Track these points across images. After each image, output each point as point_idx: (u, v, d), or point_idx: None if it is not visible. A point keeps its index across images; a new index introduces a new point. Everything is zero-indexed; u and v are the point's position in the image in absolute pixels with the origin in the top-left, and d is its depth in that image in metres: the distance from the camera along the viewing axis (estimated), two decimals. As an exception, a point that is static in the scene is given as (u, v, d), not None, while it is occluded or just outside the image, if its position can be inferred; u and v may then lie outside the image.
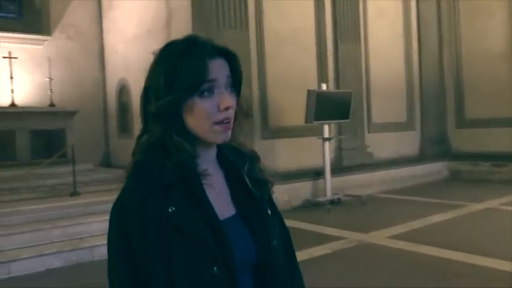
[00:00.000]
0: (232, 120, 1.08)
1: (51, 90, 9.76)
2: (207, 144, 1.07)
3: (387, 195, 8.78)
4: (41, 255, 4.93)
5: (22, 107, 9.26)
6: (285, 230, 1.26)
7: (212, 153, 1.12)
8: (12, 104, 9.28)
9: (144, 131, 1.07)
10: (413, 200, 8.17)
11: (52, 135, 8.94)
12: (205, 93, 1.02)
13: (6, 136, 8.49)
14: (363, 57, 9.77)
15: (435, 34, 11.21)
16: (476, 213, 6.89)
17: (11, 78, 9.31)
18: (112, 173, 8.30)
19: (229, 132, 1.08)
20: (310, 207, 7.91)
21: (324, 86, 8.21)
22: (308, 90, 7.67)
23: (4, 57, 9.34)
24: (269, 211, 1.16)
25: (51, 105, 9.70)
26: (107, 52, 11.69)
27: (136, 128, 10.47)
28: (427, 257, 4.76)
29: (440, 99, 11.16)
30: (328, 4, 9.19)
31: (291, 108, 8.22)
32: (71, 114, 9.38)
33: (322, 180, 8.14)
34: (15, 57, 9.49)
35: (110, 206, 1.04)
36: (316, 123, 7.82)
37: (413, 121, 10.90)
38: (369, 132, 9.88)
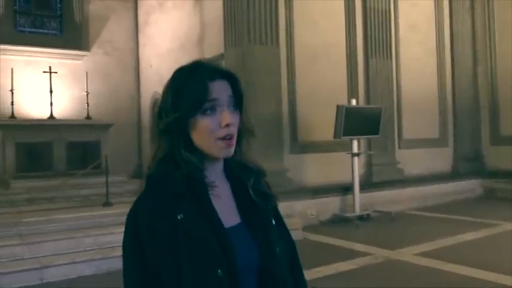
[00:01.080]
0: (234, 137, 1.16)
1: (87, 103, 10.13)
2: (213, 158, 1.16)
3: (418, 212, 8.64)
4: (73, 263, 5.10)
5: (60, 120, 9.63)
6: (290, 241, 1.34)
7: (219, 166, 1.20)
8: (51, 117, 9.66)
9: (157, 148, 1.16)
10: (444, 217, 8.02)
11: (88, 146, 9.26)
12: (208, 112, 1.12)
13: (45, 147, 8.85)
14: (394, 72, 9.72)
15: (469, 49, 11.05)
16: (510, 233, 6.71)
17: (51, 92, 9.71)
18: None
19: (232, 148, 1.16)
20: (338, 222, 7.87)
21: (353, 102, 8.22)
22: (337, 106, 7.69)
23: (44, 72, 9.76)
24: (273, 221, 1.22)
25: (88, 118, 10.05)
26: (142, 66, 12.05)
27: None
28: (454, 276, 4.68)
29: (474, 115, 10.95)
30: (359, 19, 9.22)
31: (321, 123, 8.23)
32: (106, 126, 9.69)
33: (351, 196, 8.10)
34: (55, 72, 9.90)
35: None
36: (345, 138, 7.82)
37: (446, 137, 10.72)
38: (399, 148, 9.78)
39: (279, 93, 8.06)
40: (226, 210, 1.15)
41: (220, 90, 1.15)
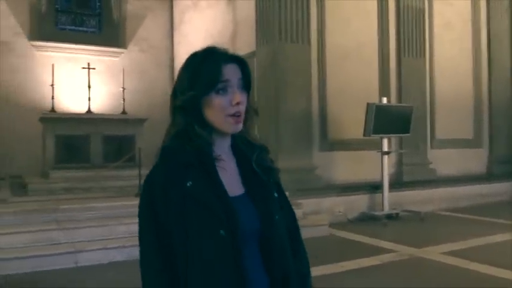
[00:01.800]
0: (242, 114, 1.28)
1: (123, 99, 10.44)
2: (222, 133, 1.29)
3: (448, 213, 8.53)
4: (105, 249, 5.34)
5: (97, 114, 9.98)
6: (291, 212, 1.45)
7: (226, 142, 1.32)
8: (89, 111, 10.02)
9: (171, 124, 1.29)
10: (475, 219, 7.89)
11: (123, 140, 9.55)
12: (220, 91, 1.25)
13: (82, 140, 9.19)
14: (427, 71, 9.62)
15: (507, 49, 10.81)
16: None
17: (89, 87, 10.07)
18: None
19: (240, 125, 1.28)
20: (366, 220, 7.87)
21: (384, 100, 8.19)
22: (367, 104, 7.69)
23: (83, 68, 10.14)
24: (275, 194, 1.34)
25: (123, 112, 10.38)
26: (176, 64, 12.31)
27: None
28: (479, 275, 4.65)
29: (511, 117, 10.70)
30: (392, 17, 9.18)
31: (351, 121, 8.24)
32: (141, 121, 9.96)
33: (379, 194, 8.08)
34: (93, 68, 10.25)
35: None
36: (374, 136, 7.81)
37: (481, 138, 10.52)
38: (431, 147, 9.67)
39: (309, 91, 8.13)
40: (231, 181, 1.28)
41: (231, 72, 1.28)
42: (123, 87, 10.45)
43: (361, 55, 8.70)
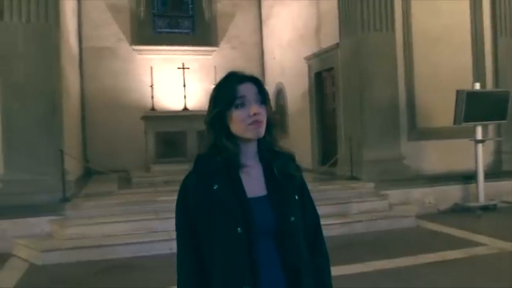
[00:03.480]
0: (262, 122, 1.45)
1: (216, 95, 10.97)
2: (246, 142, 1.47)
3: (554, 205, 7.89)
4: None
5: (192, 111, 10.61)
6: (314, 212, 1.60)
7: (252, 150, 1.50)
8: (185, 108, 10.70)
9: (206, 138, 1.52)
10: None
11: (215, 135, 10.06)
12: (239, 106, 1.44)
13: (179, 136, 9.88)
14: (528, 51, 8.89)
15: None
16: None
17: (184, 86, 10.74)
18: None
19: (261, 130, 1.45)
20: (458, 211, 7.57)
21: (477, 85, 7.75)
22: (457, 91, 7.36)
23: (178, 68, 10.83)
24: (296, 197, 1.50)
25: (216, 108, 10.90)
26: (266, 58, 12.64)
27: (291, 129, 11.13)
28: None
29: None
30: (487, -3, 8.62)
31: (442, 109, 7.91)
32: (232, 116, 10.43)
33: (474, 185, 7.71)
34: (187, 68, 10.91)
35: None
36: (466, 124, 7.46)
37: None
38: (535, 134, 8.95)
39: (395, 80, 7.96)
40: (254, 184, 1.46)
41: (247, 89, 1.47)
42: (214, 84, 10.96)
43: (452, 38, 8.29)
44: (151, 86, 10.49)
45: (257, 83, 1.50)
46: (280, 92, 11.74)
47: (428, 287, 4.23)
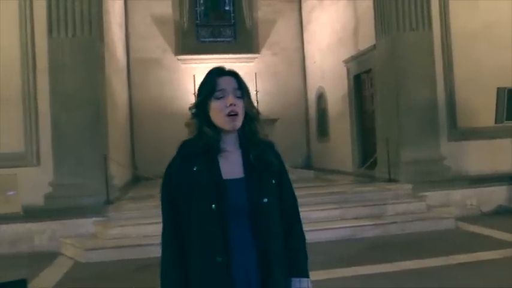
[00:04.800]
0: (239, 115, 1.60)
1: (257, 101, 11.17)
2: (226, 131, 1.63)
3: None
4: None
5: (234, 117, 10.84)
6: (291, 197, 1.74)
7: (231, 138, 1.66)
8: (228, 115, 10.92)
9: (191, 126, 1.69)
10: None
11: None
12: (218, 97, 1.61)
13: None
14: None
15: None
16: None
17: (226, 92, 10.98)
18: (299, 174, 9.11)
19: (237, 123, 1.61)
20: (503, 213, 7.32)
21: (520, 82, 7.49)
22: (497, 89, 7.15)
23: (220, 76, 11.09)
24: (273, 181, 1.64)
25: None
26: (307, 62, 12.72)
27: (332, 132, 11.16)
28: None
29: None
30: (530, -8, 8.29)
31: (484, 108, 7.68)
32: (272, 121, 10.58)
33: (521, 186, 7.44)
34: (229, 75, 11.14)
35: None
36: (508, 123, 7.22)
37: None
38: None
39: (434, 79, 7.82)
40: (231, 167, 1.62)
41: (226, 83, 1.64)
42: (256, 90, 11.19)
43: (492, 35, 8.03)
44: (194, 94, 10.80)
45: (237, 78, 1.66)
46: (321, 96, 11.78)
47: (451, 287, 4.17)
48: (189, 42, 12.19)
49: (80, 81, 6.82)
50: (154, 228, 6.18)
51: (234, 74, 1.67)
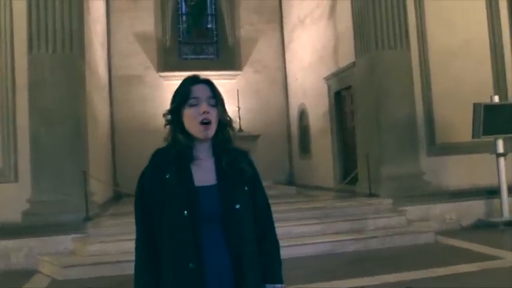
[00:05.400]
0: (211, 123, 1.62)
1: (239, 117, 11.23)
2: (199, 140, 1.64)
3: None
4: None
5: (216, 133, 10.84)
6: (264, 203, 1.76)
7: (205, 146, 1.67)
8: (208, 131, 10.93)
9: (167, 134, 1.70)
10: None
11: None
12: (192, 105, 1.62)
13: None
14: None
15: None
16: None
17: (208, 109, 11.01)
18: (281, 190, 9.13)
19: (209, 132, 1.63)
20: (482, 227, 7.40)
21: (496, 98, 7.67)
22: (474, 104, 7.31)
23: (202, 92, 11.13)
24: (246, 188, 1.66)
25: (240, 130, 11.13)
26: (289, 81, 12.85)
27: (314, 149, 11.23)
28: None
29: None
30: (504, 10, 8.55)
31: (462, 123, 7.81)
32: (254, 138, 10.63)
33: (498, 200, 7.55)
34: (212, 92, 11.19)
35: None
36: (486, 137, 7.37)
37: None
38: None
39: (412, 96, 7.96)
40: (204, 174, 1.63)
41: (200, 91, 1.66)
42: (238, 107, 11.24)
43: (470, 53, 8.25)
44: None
45: (211, 86, 1.68)
46: (303, 113, 11.88)
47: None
48: (172, 59, 12.23)
49: (60, 97, 6.77)
50: (134, 245, 6.14)
51: (208, 83, 1.69)
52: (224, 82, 12.21)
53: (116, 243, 6.05)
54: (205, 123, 1.61)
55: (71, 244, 6.20)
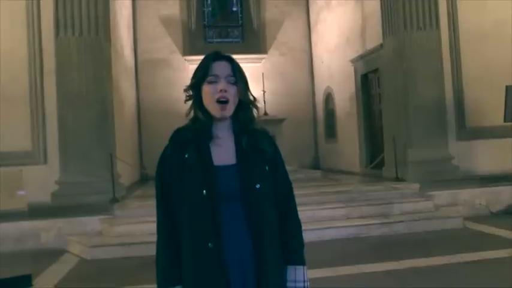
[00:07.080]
0: (229, 102, 1.58)
1: (264, 101, 11.17)
2: (218, 118, 1.61)
3: None
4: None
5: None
6: (286, 184, 1.71)
7: (224, 124, 1.63)
8: (234, 115, 10.93)
9: (188, 112, 1.68)
10: None
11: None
12: (211, 82, 1.58)
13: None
14: None
15: None
16: None
17: (233, 93, 10.99)
18: (306, 173, 9.07)
19: (227, 112, 1.59)
20: (512, 213, 7.22)
21: (529, 80, 7.40)
22: (506, 86, 7.07)
23: (228, 76, 11.11)
24: (267, 168, 1.62)
25: (265, 114, 11.08)
26: (314, 63, 12.69)
27: (340, 133, 11.13)
28: None
29: None
30: (540, -11, 8.19)
31: (493, 107, 7.59)
32: (280, 121, 10.57)
33: (531, 185, 7.33)
34: (237, 75, 11.15)
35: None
36: (517, 121, 7.13)
37: None
38: None
39: (441, 78, 7.77)
40: (223, 154, 1.60)
41: (220, 68, 1.61)
42: (263, 90, 11.18)
43: (502, 33, 7.96)
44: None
45: (232, 63, 1.63)
46: (329, 96, 11.74)
47: (454, 286, 4.11)
48: (197, 43, 12.21)
49: (86, 81, 6.86)
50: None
51: (229, 59, 1.64)
52: (249, 66, 12.08)
53: (142, 224, 6.14)
54: (222, 102, 1.56)
55: (98, 225, 6.31)
